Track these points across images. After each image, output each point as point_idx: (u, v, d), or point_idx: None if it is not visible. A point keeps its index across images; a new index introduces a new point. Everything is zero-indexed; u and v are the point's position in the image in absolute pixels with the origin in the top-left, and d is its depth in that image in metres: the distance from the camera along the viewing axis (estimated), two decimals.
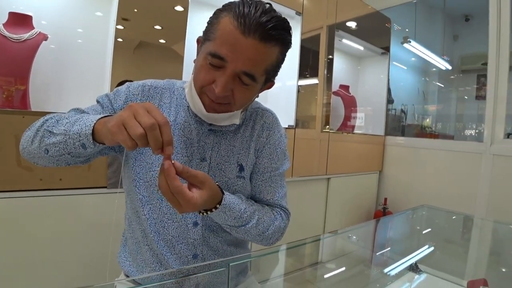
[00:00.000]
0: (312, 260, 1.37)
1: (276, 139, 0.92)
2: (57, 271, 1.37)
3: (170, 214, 0.82)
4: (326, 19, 2.50)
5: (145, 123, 0.54)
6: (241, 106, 0.78)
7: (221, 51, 0.68)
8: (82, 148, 0.66)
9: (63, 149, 0.68)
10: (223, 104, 0.75)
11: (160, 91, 0.85)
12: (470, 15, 3.68)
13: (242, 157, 0.87)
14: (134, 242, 0.87)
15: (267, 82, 0.81)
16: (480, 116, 3.25)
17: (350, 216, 2.83)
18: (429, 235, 1.56)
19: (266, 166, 0.90)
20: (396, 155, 3.00)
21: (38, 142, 0.70)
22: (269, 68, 0.74)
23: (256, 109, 0.92)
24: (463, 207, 2.38)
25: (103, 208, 1.47)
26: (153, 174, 0.80)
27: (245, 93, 0.75)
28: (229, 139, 0.86)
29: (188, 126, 0.83)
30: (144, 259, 0.85)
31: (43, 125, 0.71)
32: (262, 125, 0.91)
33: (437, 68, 3.82)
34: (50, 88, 1.53)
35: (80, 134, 0.64)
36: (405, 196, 2.85)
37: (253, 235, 0.83)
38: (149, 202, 0.82)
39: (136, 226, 0.85)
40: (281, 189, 0.92)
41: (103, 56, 1.61)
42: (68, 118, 0.70)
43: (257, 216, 0.82)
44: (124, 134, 0.55)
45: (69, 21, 1.55)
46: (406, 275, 1.30)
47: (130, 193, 0.84)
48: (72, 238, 1.40)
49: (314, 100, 2.49)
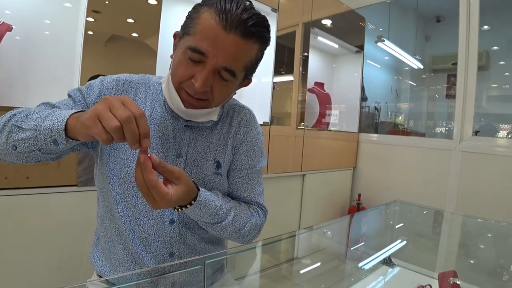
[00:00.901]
0: (288, 256, 1.37)
1: (253, 137, 0.91)
2: (26, 274, 1.32)
3: (145, 212, 0.80)
4: (301, 16, 2.51)
5: (121, 115, 0.52)
6: (220, 102, 0.78)
7: (202, 46, 0.67)
8: (53, 144, 0.63)
9: (33, 145, 0.64)
10: (202, 100, 0.73)
11: (135, 85, 0.83)
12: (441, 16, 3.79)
13: (219, 154, 0.86)
14: (107, 241, 0.84)
15: (245, 79, 0.80)
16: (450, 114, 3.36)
17: (325, 212, 2.86)
18: (401, 229, 1.60)
19: (243, 163, 0.89)
20: (369, 152, 3.06)
21: (5, 137, 0.66)
22: (248, 64, 0.74)
23: (234, 106, 0.92)
24: (434, 202, 2.46)
25: (73, 207, 1.42)
26: (128, 171, 0.78)
27: (224, 89, 0.74)
28: (206, 135, 0.85)
29: (164, 121, 0.81)
30: (118, 258, 0.83)
31: (11, 120, 0.67)
32: (239, 122, 0.90)
33: (409, 67, 3.91)
34: (15, 82, 1.46)
35: (52, 130, 0.61)
36: (379, 192, 2.91)
37: (230, 232, 0.82)
38: (123, 199, 0.79)
39: (110, 224, 0.83)
40: (258, 186, 0.92)
41: (72, 49, 1.54)
42: (38, 113, 0.66)
43: (233, 213, 0.81)
44: (99, 127, 0.53)
45: (36, 12, 1.48)
46: (380, 269, 1.32)
47: (104, 190, 0.82)
48: (41, 239, 1.34)
49: (289, 97, 2.49)
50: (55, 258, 1.38)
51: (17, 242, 1.30)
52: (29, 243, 1.32)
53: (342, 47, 3.14)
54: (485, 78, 3.10)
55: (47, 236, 1.36)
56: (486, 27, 2.77)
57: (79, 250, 1.35)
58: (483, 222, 1.61)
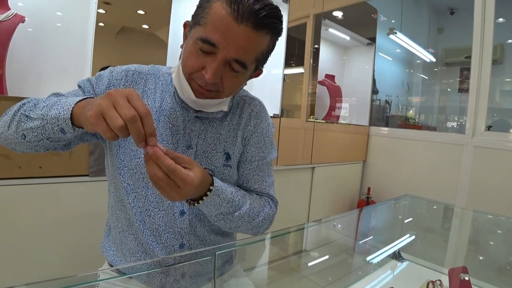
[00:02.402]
0: (296, 249, 1.37)
1: (263, 128, 0.91)
2: (38, 262, 1.34)
3: (156, 203, 0.80)
4: (312, 7, 2.48)
5: (126, 115, 0.51)
6: (230, 93, 0.77)
7: (213, 37, 0.66)
8: (61, 133, 0.63)
9: (41, 134, 0.65)
10: (212, 91, 0.73)
11: (145, 76, 0.83)
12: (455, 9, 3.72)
13: (228, 146, 0.86)
14: (118, 231, 0.85)
15: (256, 70, 0.79)
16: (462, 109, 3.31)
17: (334, 205, 2.86)
18: (411, 224, 1.59)
19: (253, 155, 0.89)
20: (379, 145, 3.03)
21: (15, 127, 0.67)
22: (259, 56, 0.73)
23: (244, 97, 0.91)
24: (444, 196, 2.43)
25: (85, 197, 1.44)
26: (138, 162, 0.78)
27: (235, 80, 0.73)
28: (216, 126, 0.84)
29: (174, 112, 0.81)
30: (129, 248, 0.84)
31: (20, 110, 0.68)
32: (249, 113, 0.89)
33: (421, 60, 3.86)
34: (28, 73, 1.47)
35: (58, 119, 0.61)
36: (388, 186, 2.90)
37: (244, 223, 0.81)
38: (134, 190, 0.80)
39: (121, 214, 0.83)
40: (268, 178, 0.92)
41: (84, 40, 1.55)
42: (45, 102, 0.66)
43: (248, 201, 0.81)
44: (104, 126, 0.53)
45: (48, 4, 1.49)
46: (389, 263, 1.32)
47: (115, 180, 0.82)
48: (53, 228, 1.37)
49: (299, 89, 2.48)
50: (67, 247, 1.41)
51: (30, 231, 1.32)
52: (41, 231, 1.35)
53: (354, 39, 3.11)
54: (499, 72, 3.04)
55: (59, 225, 1.39)
56: (501, 19, 2.71)
57: (91, 239, 1.37)
58: (494, 218, 1.59)
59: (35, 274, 1.34)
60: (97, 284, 0.84)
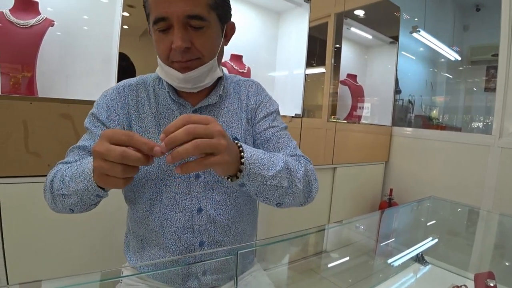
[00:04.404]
0: (316, 250, 1.37)
1: (265, 102, 0.93)
2: (64, 257, 1.39)
3: (172, 206, 0.81)
4: (334, 7, 2.46)
5: (116, 158, 0.53)
6: (210, 54, 0.77)
7: (159, 12, 0.70)
8: (98, 197, 0.68)
9: (85, 204, 0.70)
10: (193, 60, 0.75)
11: (135, 87, 0.85)
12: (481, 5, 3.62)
13: (234, 130, 0.87)
14: (139, 239, 0.87)
15: (222, 22, 0.79)
16: (489, 108, 3.22)
17: (355, 207, 2.83)
18: (434, 226, 1.56)
19: (266, 129, 0.89)
20: (402, 146, 2.98)
21: (61, 205, 0.71)
22: (211, 2, 0.73)
23: (237, 81, 0.94)
24: (469, 199, 2.37)
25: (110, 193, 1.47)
26: (148, 169, 0.80)
27: (204, 37, 0.74)
28: (217, 115, 0.86)
29: (172, 112, 0.83)
30: (149, 255, 0.85)
31: (53, 190, 0.71)
32: (247, 94, 0.92)
33: (445, 58, 3.77)
34: (56, 75, 1.53)
35: (89, 189, 0.64)
36: (411, 187, 2.84)
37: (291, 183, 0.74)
38: (148, 198, 0.82)
39: (139, 223, 0.85)
40: (290, 142, 0.89)
41: (109, 43, 1.60)
42: (68, 174, 0.69)
43: (282, 157, 0.75)
44: (112, 181, 0.57)
45: (75, 8, 1.54)
46: (412, 266, 1.30)
47: (130, 191, 0.85)
48: (79, 224, 1.41)
49: (320, 89, 2.47)
50: (92, 243, 1.45)
51: (58, 227, 1.36)
52: (69, 228, 1.39)
53: (376, 38, 3.06)
54: None
55: (85, 221, 1.42)
56: None
57: (114, 235, 1.41)
58: None
59: (60, 270, 1.38)
60: (120, 280, 0.86)
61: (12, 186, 1.26)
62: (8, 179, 1.25)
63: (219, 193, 0.84)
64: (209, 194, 0.83)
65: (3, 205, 1.24)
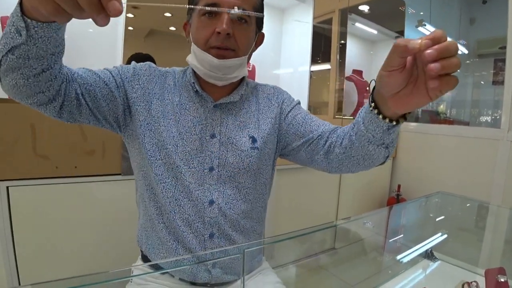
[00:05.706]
0: (325, 247, 1.37)
1: (287, 98, 0.96)
2: (74, 258, 1.40)
3: (185, 193, 0.82)
4: (338, 2, 2.45)
5: None
6: (245, 50, 0.82)
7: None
8: (17, 34, 0.53)
9: (5, 47, 0.56)
10: (229, 50, 0.78)
11: (164, 73, 0.89)
12: None
13: (252, 130, 0.88)
14: (148, 219, 0.87)
15: (258, 28, 0.86)
16: (497, 102, 3.18)
17: (363, 203, 2.82)
18: (443, 222, 1.55)
19: (297, 115, 0.91)
20: (410, 142, 2.95)
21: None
22: (256, 5, 0.81)
23: (255, 85, 0.97)
24: (478, 194, 2.35)
25: (118, 195, 1.48)
26: (167, 152, 0.81)
27: (245, 34, 0.80)
28: (235, 114, 0.88)
29: (193, 105, 0.85)
30: (159, 237, 0.85)
31: None
32: (266, 97, 0.94)
33: None
34: None
35: (12, 18, 0.53)
36: (419, 183, 2.82)
37: None
38: (162, 181, 0.82)
39: (150, 203, 0.85)
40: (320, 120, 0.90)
41: (114, 44, 1.61)
42: None
43: None
44: None
45: None
46: (421, 262, 1.29)
47: (143, 168, 0.85)
48: (88, 224, 1.42)
49: (326, 86, 2.46)
50: (102, 243, 1.46)
51: (67, 228, 1.38)
52: (77, 228, 1.40)
53: (381, 33, 3.04)
54: None
55: (94, 221, 1.44)
56: None
57: (125, 235, 1.42)
58: None
59: (72, 270, 1.40)
60: (131, 280, 0.87)
61: (22, 188, 1.28)
62: (17, 182, 1.27)
63: (231, 187, 0.85)
64: (221, 187, 0.84)
65: (13, 208, 1.26)
